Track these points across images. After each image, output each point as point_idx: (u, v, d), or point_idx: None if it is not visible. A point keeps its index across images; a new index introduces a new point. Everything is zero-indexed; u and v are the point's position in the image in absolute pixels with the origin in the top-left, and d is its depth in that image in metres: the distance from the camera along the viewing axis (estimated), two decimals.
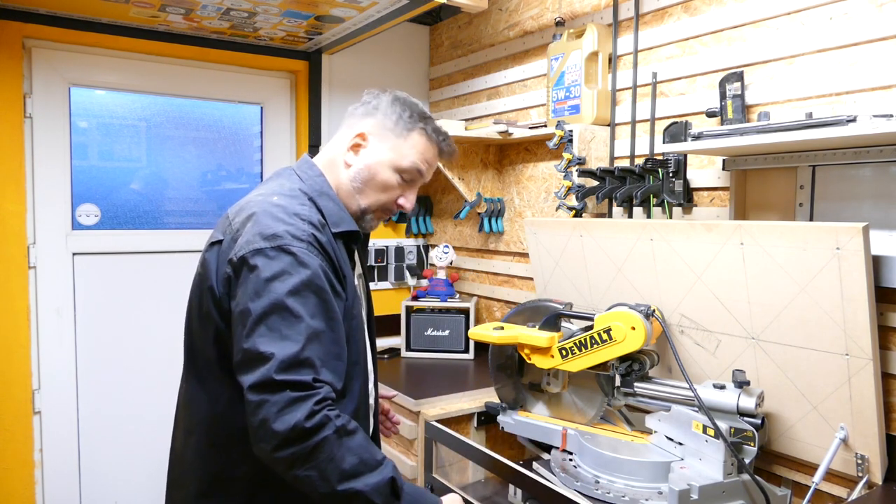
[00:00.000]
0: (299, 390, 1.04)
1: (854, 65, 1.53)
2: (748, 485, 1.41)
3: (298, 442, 1.03)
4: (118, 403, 2.59)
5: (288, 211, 1.17)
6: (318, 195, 1.26)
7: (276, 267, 1.10)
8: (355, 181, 1.29)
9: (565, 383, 1.79)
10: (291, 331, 1.07)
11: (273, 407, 1.03)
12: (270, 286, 1.09)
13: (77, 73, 2.48)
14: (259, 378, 1.04)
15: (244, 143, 2.91)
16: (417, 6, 2.15)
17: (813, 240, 1.37)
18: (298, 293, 1.09)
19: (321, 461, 1.04)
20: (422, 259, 3.18)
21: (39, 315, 2.43)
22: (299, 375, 1.05)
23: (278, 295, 1.08)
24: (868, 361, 1.34)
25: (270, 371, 1.04)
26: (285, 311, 1.08)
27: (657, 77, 2.00)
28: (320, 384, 1.07)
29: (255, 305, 1.09)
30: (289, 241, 1.12)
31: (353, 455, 1.06)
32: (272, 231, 1.13)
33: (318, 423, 1.03)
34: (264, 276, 1.09)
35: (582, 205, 2.08)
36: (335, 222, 1.24)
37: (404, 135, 1.30)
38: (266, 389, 1.04)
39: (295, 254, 1.11)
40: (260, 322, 1.08)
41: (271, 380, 1.03)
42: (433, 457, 1.87)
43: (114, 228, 2.61)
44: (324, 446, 1.04)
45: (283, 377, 1.04)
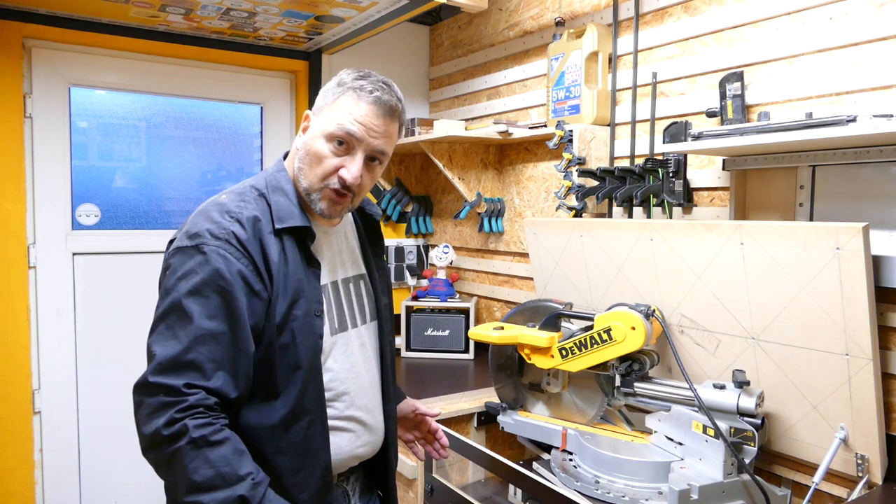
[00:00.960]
0: (168, 395, 1.04)
1: (854, 65, 1.53)
2: (748, 485, 1.41)
3: (157, 448, 1.03)
4: (118, 403, 2.59)
5: (222, 209, 1.16)
6: (272, 190, 1.23)
7: (187, 265, 1.11)
8: (299, 162, 1.24)
9: (565, 383, 1.79)
10: (181, 331, 1.07)
11: (145, 410, 1.04)
12: (177, 285, 1.10)
13: (77, 73, 2.48)
14: (140, 378, 1.06)
15: (244, 143, 2.91)
16: (417, 6, 2.15)
17: (813, 240, 1.36)
18: (199, 293, 1.09)
19: (176, 471, 1.03)
20: (422, 259, 3.18)
21: (39, 315, 2.43)
22: (171, 380, 1.04)
23: (179, 294, 1.09)
24: (868, 361, 1.34)
25: (148, 373, 1.05)
26: (180, 310, 1.08)
27: (657, 77, 2.00)
28: (194, 390, 1.04)
29: (160, 303, 1.11)
30: (205, 239, 1.12)
31: (209, 468, 1.02)
32: (195, 230, 1.13)
33: (175, 433, 1.01)
34: (175, 275, 1.11)
35: (582, 205, 2.08)
36: (281, 218, 1.20)
37: (333, 101, 1.22)
38: (142, 391, 1.06)
39: (206, 252, 1.11)
40: (159, 320, 1.10)
41: (146, 381, 1.05)
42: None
43: (114, 228, 2.61)
44: (178, 456, 1.02)
45: (156, 380, 1.04)
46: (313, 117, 1.26)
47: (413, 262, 3.16)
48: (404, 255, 3.14)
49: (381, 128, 1.22)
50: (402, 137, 2.75)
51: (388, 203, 3.07)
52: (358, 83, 1.21)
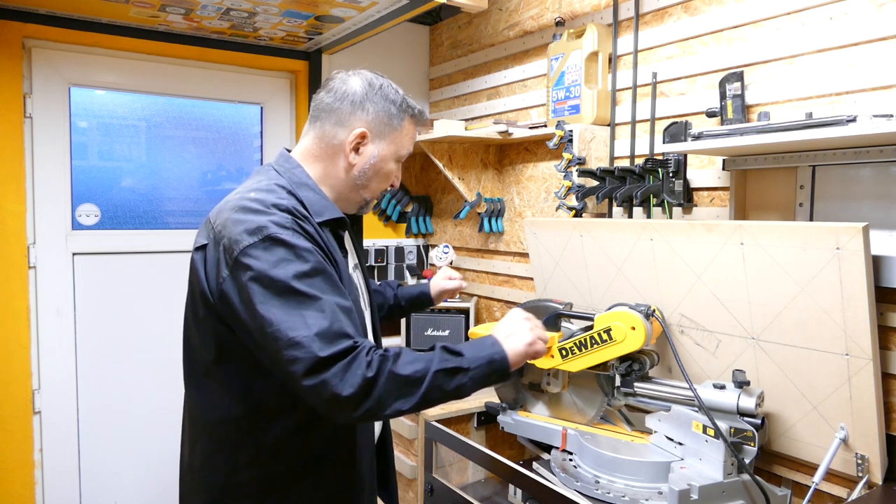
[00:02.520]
0: (347, 355, 1.06)
1: (854, 65, 1.53)
2: (748, 485, 1.41)
3: (371, 391, 1.06)
4: (118, 403, 2.59)
5: (266, 203, 1.16)
6: (297, 187, 1.25)
7: (272, 258, 1.09)
8: (359, 179, 1.31)
9: (565, 383, 1.79)
10: (312, 310, 1.08)
11: (334, 379, 1.04)
12: (275, 275, 1.08)
13: (77, 73, 2.48)
14: (306, 364, 1.04)
15: (244, 143, 2.91)
16: (417, 6, 2.15)
17: (813, 240, 1.36)
18: (303, 277, 1.09)
19: (399, 387, 1.09)
20: (422, 259, 3.18)
21: (39, 315, 2.43)
22: (339, 345, 1.06)
23: (286, 281, 1.08)
24: (868, 361, 1.34)
25: (314, 353, 1.04)
26: (298, 295, 1.08)
27: (657, 77, 2.00)
28: (359, 341, 1.09)
29: (265, 302, 1.08)
30: (275, 230, 1.12)
31: (414, 363, 1.11)
32: (256, 225, 1.12)
33: (378, 368, 1.07)
34: (263, 269, 1.09)
35: (582, 205, 2.08)
36: (317, 211, 1.23)
37: (399, 126, 1.32)
38: (319, 369, 1.04)
39: (285, 241, 1.11)
40: (277, 312, 1.07)
41: (318, 359, 1.04)
42: (433, 457, 1.87)
43: (114, 228, 2.61)
44: (393, 379, 1.08)
45: (328, 352, 1.05)
46: (372, 135, 1.30)
47: (413, 262, 3.16)
48: (404, 255, 3.14)
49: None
50: None
51: (388, 203, 3.06)
52: (415, 109, 1.35)
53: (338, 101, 1.28)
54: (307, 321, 1.06)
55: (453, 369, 1.13)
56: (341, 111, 1.28)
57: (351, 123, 1.28)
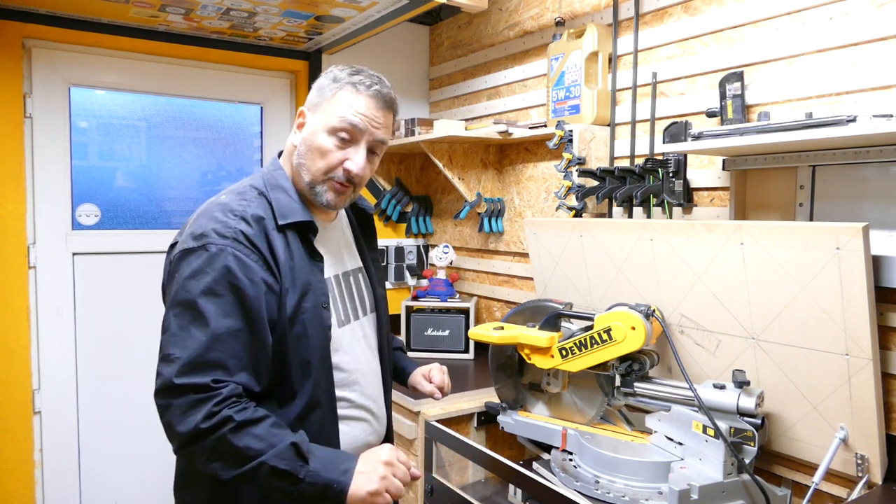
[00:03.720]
0: (199, 392, 1.06)
1: (854, 65, 1.53)
2: (748, 485, 1.41)
3: (198, 441, 1.06)
4: (118, 403, 2.59)
5: (225, 208, 1.18)
6: (271, 188, 1.25)
7: (195, 265, 1.12)
8: (299, 157, 1.27)
9: (565, 383, 1.79)
10: (199, 331, 1.08)
11: (176, 410, 1.06)
12: (187, 285, 1.11)
13: (77, 73, 2.48)
14: (162, 382, 1.08)
15: (244, 143, 2.91)
16: (417, 6, 2.15)
17: (813, 240, 1.36)
18: (212, 291, 1.10)
19: (224, 454, 1.07)
20: (422, 259, 3.18)
21: (39, 315, 2.43)
22: (199, 378, 1.06)
23: (192, 294, 1.10)
24: (868, 361, 1.34)
25: (172, 375, 1.06)
26: (195, 310, 1.09)
27: (657, 77, 2.00)
28: (222, 384, 1.08)
29: (171, 305, 1.12)
30: (212, 238, 1.13)
31: (257, 441, 1.07)
32: (201, 230, 1.14)
33: (216, 423, 1.05)
34: (184, 276, 1.12)
35: (582, 205, 2.08)
36: (283, 214, 1.22)
37: (331, 97, 1.26)
38: (169, 393, 1.07)
39: (214, 252, 1.12)
40: (172, 322, 1.10)
41: (172, 384, 1.06)
42: (433, 457, 1.87)
43: (114, 228, 2.61)
44: (223, 441, 1.06)
45: (183, 381, 1.06)
46: (309, 114, 1.28)
47: (413, 262, 3.16)
48: (404, 255, 3.14)
49: (381, 119, 1.28)
50: (397, 133, 2.76)
51: (388, 203, 3.06)
52: (355, 78, 1.27)
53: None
54: (186, 342, 1.08)
55: (284, 472, 1.07)
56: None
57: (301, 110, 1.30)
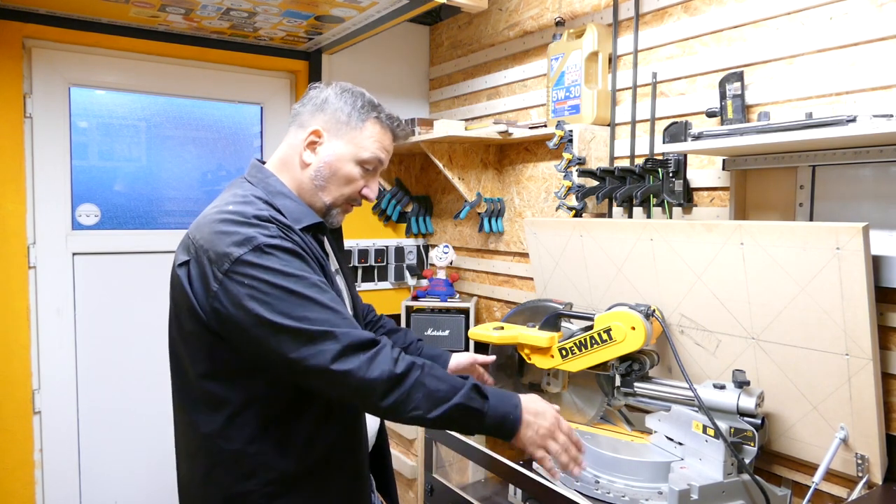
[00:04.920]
0: (372, 346, 1.11)
1: (854, 65, 1.53)
2: (748, 485, 1.41)
3: (399, 384, 1.10)
4: (118, 403, 2.59)
5: (246, 216, 1.17)
6: (273, 196, 1.25)
7: (269, 265, 1.10)
8: (317, 179, 1.28)
9: (565, 383, 1.79)
10: (318, 308, 1.11)
11: (363, 366, 1.09)
12: (274, 283, 1.09)
13: (77, 73, 2.48)
14: (333, 353, 1.08)
15: (244, 143, 2.91)
16: (417, 6, 2.15)
17: (813, 240, 1.36)
18: (300, 280, 1.12)
19: (423, 397, 1.12)
20: (422, 259, 3.18)
21: (39, 315, 2.43)
22: (362, 335, 1.11)
23: (286, 286, 1.10)
24: (868, 361, 1.34)
25: (340, 341, 1.09)
26: (300, 297, 1.10)
27: (657, 77, 2.00)
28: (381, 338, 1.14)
29: (272, 305, 1.09)
30: (263, 240, 1.12)
31: (443, 383, 1.14)
32: (244, 236, 1.12)
33: (407, 367, 1.12)
34: (264, 278, 1.09)
35: (582, 205, 2.08)
36: (296, 219, 1.23)
37: (360, 126, 1.28)
38: (345, 357, 1.08)
39: (276, 246, 1.13)
40: (289, 314, 1.09)
41: (344, 348, 1.08)
42: (433, 456, 1.87)
43: (114, 228, 2.61)
44: (419, 386, 1.12)
45: (352, 340, 1.09)
46: (328, 135, 1.29)
47: (413, 262, 3.16)
48: (404, 255, 3.14)
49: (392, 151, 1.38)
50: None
51: (388, 203, 3.07)
52: (382, 112, 1.32)
53: (303, 107, 1.32)
54: (321, 315, 1.10)
55: (475, 410, 1.16)
56: (304, 115, 1.31)
57: (309, 124, 1.30)
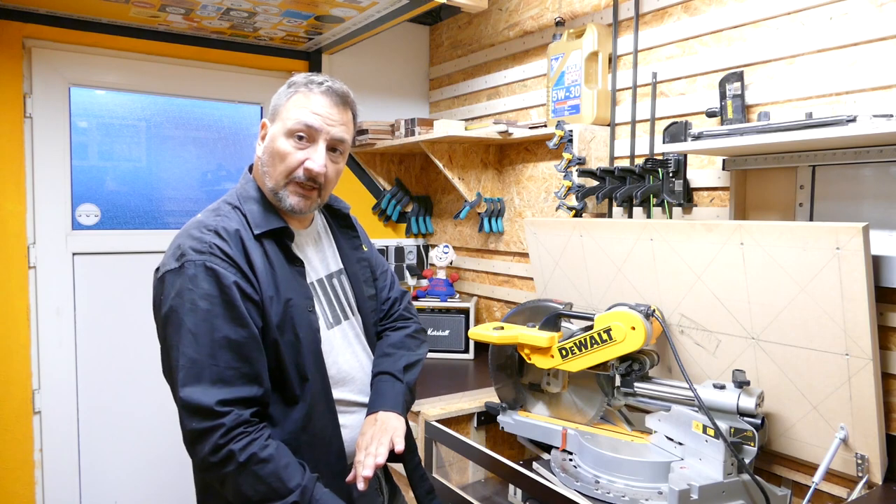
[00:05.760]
0: (205, 419, 1.09)
1: (854, 65, 1.53)
2: (748, 485, 1.41)
3: (209, 471, 1.12)
4: (118, 403, 2.59)
5: (200, 225, 1.21)
6: (244, 201, 1.28)
7: (178, 284, 1.16)
8: (263, 166, 1.30)
9: (565, 383, 1.79)
10: (193, 348, 1.12)
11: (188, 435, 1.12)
12: (174, 304, 1.15)
13: (77, 73, 2.48)
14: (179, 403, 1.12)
15: (244, 143, 2.91)
16: (417, 6, 2.15)
17: (813, 240, 1.36)
18: (197, 307, 1.14)
19: (228, 489, 1.13)
20: (422, 259, 3.18)
21: (39, 315, 2.43)
22: (201, 398, 1.10)
23: (180, 313, 1.14)
24: (868, 361, 1.34)
25: (178, 395, 1.11)
26: (185, 328, 1.13)
27: (657, 77, 2.00)
28: (227, 408, 1.10)
29: (164, 326, 1.17)
30: (190, 256, 1.16)
31: (261, 484, 1.11)
32: (180, 250, 1.18)
33: (222, 459, 1.09)
34: (170, 296, 1.16)
35: (582, 205, 2.08)
36: (257, 224, 1.25)
37: (286, 102, 1.28)
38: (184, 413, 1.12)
39: (192, 268, 1.16)
40: (168, 341, 1.15)
41: (183, 403, 1.11)
42: (433, 457, 1.87)
43: (114, 228, 2.61)
44: (230, 478, 1.11)
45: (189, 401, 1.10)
46: (269, 123, 1.31)
47: (413, 262, 3.16)
48: (404, 255, 3.14)
49: (337, 116, 1.28)
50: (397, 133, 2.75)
51: (388, 203, 3.07)
52: (306, 79, 1.29)
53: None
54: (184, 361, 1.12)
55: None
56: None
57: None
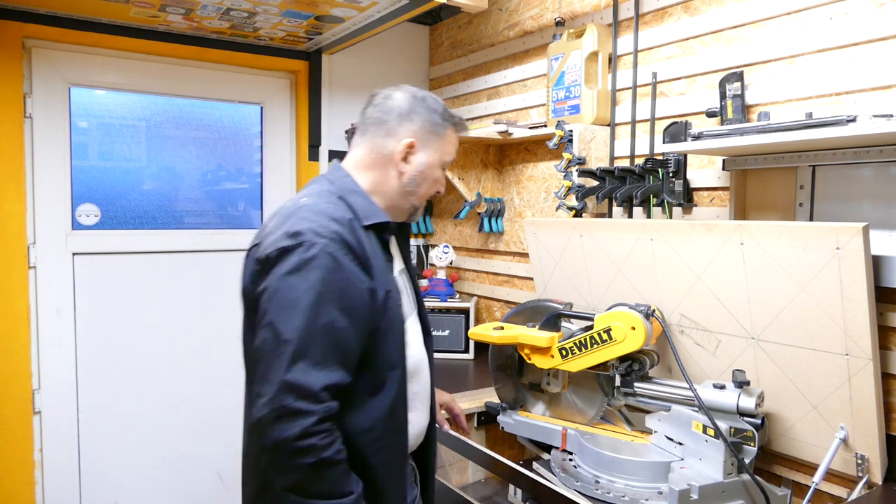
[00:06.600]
0: (303, 400, 1.08)
1: (854, 65, 1.53)
2: (748, 485, 1.41)
3: (282, 453, 1.08)
4: (118, 403, 2.59)
5: (313, 209, 1.22)
6: (347, 193, 1.32)
7: (294, 262, 1.14)
8: (409, 185, 1.38)
9: (565, 383, 1.79)
10: (304, 327, 1.11)
11: (276, 411, 1.07)
12: (289, 281, 1.14)
13: (77, 73, 2.48)
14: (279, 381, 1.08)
15: (244, 143, 2.91)
16: (417, 6, 2.15)
17: (813, 240, 1.36)
18: (313, 288, 1.14)
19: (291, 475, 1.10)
20: (422, 259, 3.18)
21: (39, 315, 2.43)
22: (303, 379, 1.08)
23: (295, 292, 1.13)
24: (868, 361, 1.34)
25: (282, 373, 1.08)
26: (298, 307, 1.12)
27: (657, 77, 2.00)
28: (326, 396, 1.10)
29: (271, 301, 1.14)
30: (310, 237, 1.16)
31: (325, 483, 1.12)
32: (296, 229, 1.17)
33: (306, 448, 1.08)
34: (283, 272, 1.14)
35: (582, 205, 2.08)
36: (365, 216, 1.29)
37: (443, 134, 1.42)
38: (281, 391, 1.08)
39: (313, 250, 1.16)
40: (276, 319, 1.12)
41: (284, 383, 1.08)
42: None
43: (114, 228, 2.61)
44: (301, 468, 1.09)
45: (290, 378, 1.08)
46: (420, 145, 1.38)
47: (413, 262, 3.16)
48: None
49: None
50: None
51: None
52: (456, 118, 1.46)
53: (385, 114, 1.37)
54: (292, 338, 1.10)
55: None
56: (389, 123, 1.37)
57: (399, 134, 1.36)
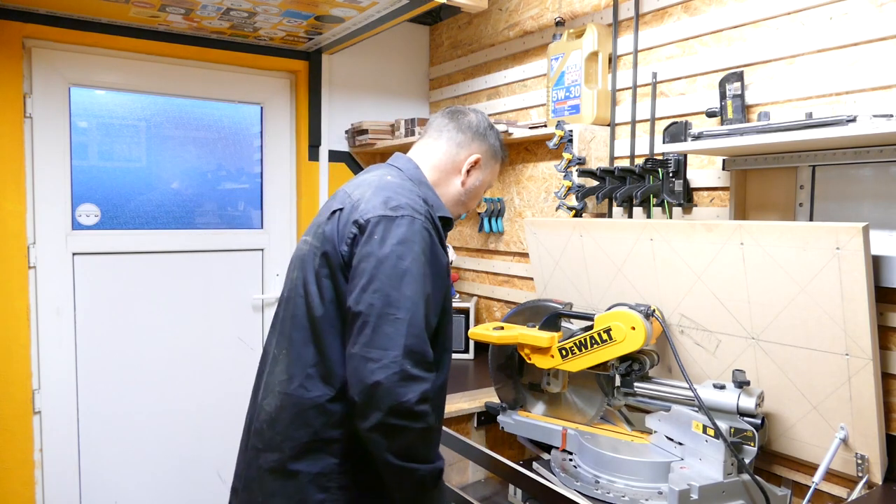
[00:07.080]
0: (420, 368, 1.15)
1: (854, 65, 1.53)
2: (748, 485, 1.41)
3: (400, 416, 1.13)
4: (118, 403, 2.59)
5: (404, 188, 1.32)
6: (419, 184, 1.40)
7: (400, 233, 1.21)
8: (464, 196, 1.48)
9: (565, 383, 1.79)
10: (418, 296, 1.18)
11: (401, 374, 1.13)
12: (398, 251, 1.20)
13: (77, 73, 2.48)
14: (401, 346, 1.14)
15: (244, 143, 2.91)
16: (417, 6, 2.15)
17: (813, 240, 1.36)
18: (417, 259, 1.21)
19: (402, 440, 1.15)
20: None
21: (39, 315, 2.43)
22: (425, 347, 1.17)
23: (405, 261, 1.19)
24: (868, 361, 1.34)
25: (403, 339, 1.14)
26: (411, 275, 1.19)
27: (657, 77, 2.00)
28: (433, 366, 1.19)
29: (381, 267, 1.18)
30: (410, 212, 1.24)
31: (426, 447, 1.20)
32: (396, 202, 1.25)
33: (421, 413, 1.14)
34: (392, 241, 1.20)
35: (582, 205, 2.08)
36: (437, 207, 1.38)
37: (496, 163, 1.53)
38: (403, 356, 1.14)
39: (416, 224, 1.23)
40: (386, 285, 1.17)
41: (407, 348, 1.14)
42: None
43: (114, 228, 2.61)
44: (413, 433, 1.15)
45: (413, 345, 1.15)
46: (483, 163, 1.49)
47: None
48: None
49: None
50: (397, 133, 2.75)
51: None
52: (507, 154, 1.57)
53: (462, 126, 1.47)
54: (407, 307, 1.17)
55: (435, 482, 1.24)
56: (464, 136, 1.47)
57: (470, 148, 1.47)
